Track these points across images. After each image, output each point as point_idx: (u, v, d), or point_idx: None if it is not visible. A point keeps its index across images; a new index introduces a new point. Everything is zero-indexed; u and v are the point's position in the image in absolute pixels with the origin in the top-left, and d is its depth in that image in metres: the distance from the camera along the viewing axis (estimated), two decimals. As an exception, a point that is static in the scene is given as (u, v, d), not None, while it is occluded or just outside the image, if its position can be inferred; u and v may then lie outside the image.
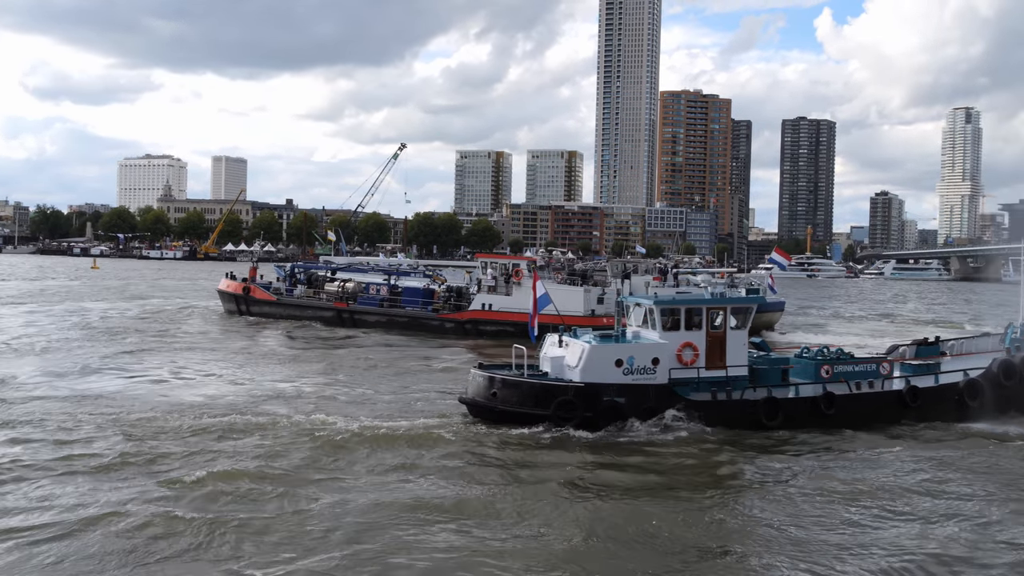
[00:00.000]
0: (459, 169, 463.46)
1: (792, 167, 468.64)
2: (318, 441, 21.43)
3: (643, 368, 23.46)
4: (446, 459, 20.53)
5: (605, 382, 23.18)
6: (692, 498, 18.45)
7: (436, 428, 23.10)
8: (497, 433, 22.65)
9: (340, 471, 19.30)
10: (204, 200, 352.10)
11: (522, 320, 44.19)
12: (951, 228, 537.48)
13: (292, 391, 29.14)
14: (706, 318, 24.34)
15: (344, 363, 36.76)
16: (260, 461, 19.67)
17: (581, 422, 22.62)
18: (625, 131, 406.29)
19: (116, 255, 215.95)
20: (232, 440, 21.52)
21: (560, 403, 22.84)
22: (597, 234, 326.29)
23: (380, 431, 22.52)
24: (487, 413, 23.62)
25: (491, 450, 21.42)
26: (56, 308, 58.97)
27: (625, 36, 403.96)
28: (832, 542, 15.99)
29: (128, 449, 20.49)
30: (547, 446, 21.87)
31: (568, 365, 23.67)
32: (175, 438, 21.70)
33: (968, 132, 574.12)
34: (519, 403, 23.34)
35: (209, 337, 44.96)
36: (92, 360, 34.80)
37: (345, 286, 53.96)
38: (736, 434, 23.11)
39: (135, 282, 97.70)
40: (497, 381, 23.65)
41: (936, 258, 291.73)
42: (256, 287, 57.12)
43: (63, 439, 21.35)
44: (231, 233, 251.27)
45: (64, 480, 18.20)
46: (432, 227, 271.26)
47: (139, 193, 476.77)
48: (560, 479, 19.11)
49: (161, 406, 25.55)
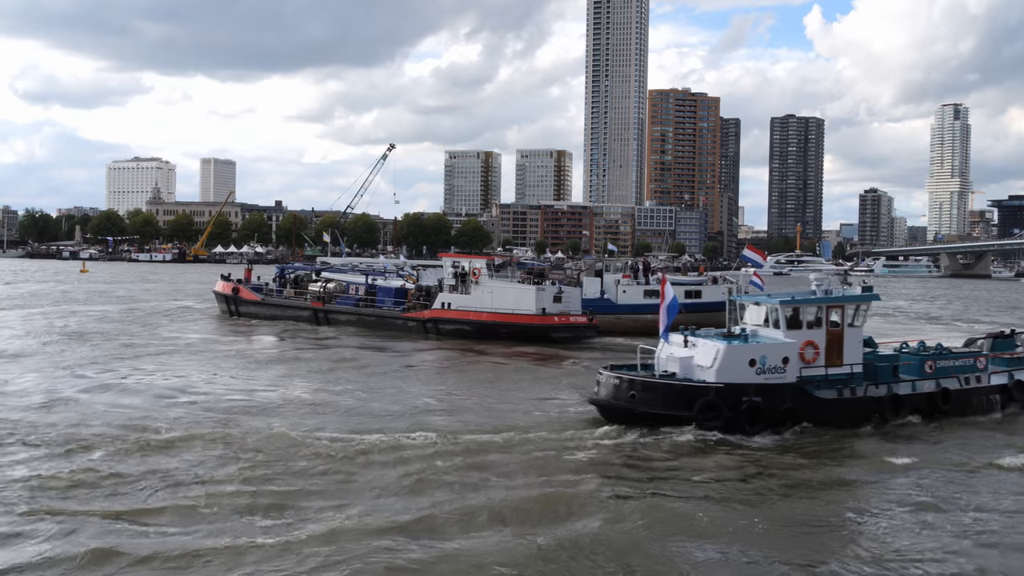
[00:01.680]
0: (448, 169, 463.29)
1: (781, 165, 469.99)
2: (464, 450, 20.68)
3: (774, 367, 23.39)
4: (621, 464, 20.13)
5: (742, 382, 22.98)
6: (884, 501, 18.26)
7: (577, 433, 22.75)
8: (646, 436, 22.31)
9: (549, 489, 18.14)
10: (193, 202, 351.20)
11: (478, 319, 45.17)
12: (940, 225, 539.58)
13: (436, 404, 27.56)
14: (825, 316, 24.45)
15: (398, 370, 35.04)
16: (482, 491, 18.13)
17: (725, 423, 22.45)
18: (614, 130, 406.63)
19: (105, 258, 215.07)
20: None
21: (704, 404, 22.56)
22: (587, 233, 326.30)
23: (516, 439, 21.95)
24: (624, 415, 23.23)
25: (654, 453, 21.12)
26: (46, 311, 58.54)
27: (613, 35, 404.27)
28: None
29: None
30: (707, 449, 21.54)
31: (699, 365, 23.38)
32: (369, 467, 19.72)
33: (956, 128, 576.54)
34: (660, 405, 23.04)
35: (207, 341, 44.56)
36: (102, 363, 34.40)
37: (326, 287, 54.80)
38: (869, 431, 23.56)
39: (126, 285, 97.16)
40: (637, 383, 23.38)
41: (926, 255, 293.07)
42: (244, 288, 57.82)
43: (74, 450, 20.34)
44: (220, 235, 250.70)
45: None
46: (422, 228, 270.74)
47: (128, 196, 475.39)
48: (747, 485, 18.90)
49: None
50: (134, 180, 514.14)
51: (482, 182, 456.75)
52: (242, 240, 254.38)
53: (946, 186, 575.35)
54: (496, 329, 44.20)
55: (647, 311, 47.80)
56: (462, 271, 47.01)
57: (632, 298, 48.92)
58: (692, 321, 47.66)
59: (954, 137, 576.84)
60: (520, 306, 44.11)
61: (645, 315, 47.77)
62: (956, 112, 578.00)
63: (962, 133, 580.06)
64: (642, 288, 49.24)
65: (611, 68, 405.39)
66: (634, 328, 47.00)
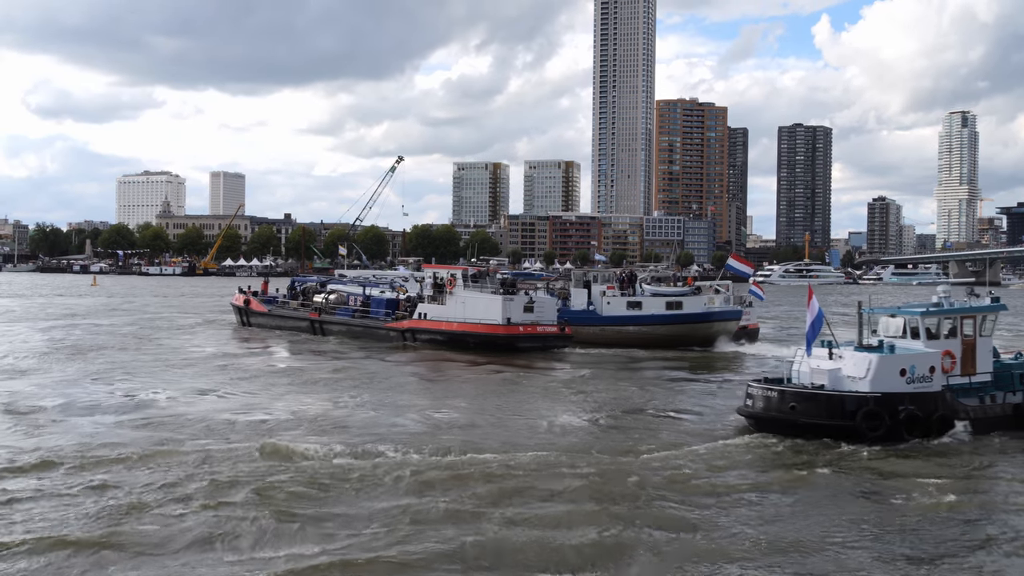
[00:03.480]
0: (457, 181, 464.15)
1: (789, 174, 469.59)
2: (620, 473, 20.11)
3: (923, 377, 23.96)
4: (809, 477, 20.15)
5: (896, 391, 23.54)
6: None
7: (740, 444, 23.00)
8: (813, 445, 22.52)
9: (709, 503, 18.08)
10: (203, 216, 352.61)
11: (449, 329, 45.20)
12: (949, 232, 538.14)
13: (583, 425, 26.74)
14: (960, 326, 25.18)
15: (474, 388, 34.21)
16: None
17: (886, 432, 22.88)
18: (622, 140, 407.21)
19: (115, 272, 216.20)
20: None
21: (866, 414, 22.92)
22: (595, 244, 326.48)
23: (675, 453, 21.80)
24: (784, 426, 23.56)
25: (854, 463, 21.32)
26: (54, 324, 58.98)
27: (620, 46, 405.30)
28: None
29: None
30: (887, 457, 21.83)
31: (849, 376, 23.78)
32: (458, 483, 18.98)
33: (965, 136, 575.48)
34: (822, 415, 23.39)
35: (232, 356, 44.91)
36: (92, 375, 34.74)
37: (328, 298, 55.74)
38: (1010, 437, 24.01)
39: (142, 298, 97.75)
40: (798, 395, 23.79)
41: (935, 262, 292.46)
42: (254, 300, 59.63)
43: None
44: (230, 248, 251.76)
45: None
46: (430, 239, 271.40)
47: (138, 210, 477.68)
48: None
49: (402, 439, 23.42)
50: (144, 194, 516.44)
51: (490, 193, 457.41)
52: (251, 253, 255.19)
53: (954, 194, 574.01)
54: (465, 339, 44.30)
55: (630, 323, 47.77)
56: (439, 281, 47.24)
57: (615, 309, 48.23)
58: (672, 333, 47.87)
59: (962, 144, 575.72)
60: (488, 316, 44.07)
61: (627, 327, 47.71)
62: (964, 119, 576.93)
63: (970, 140, 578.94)
64: (625, 299, 48.64)
65: (619, 79, 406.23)
66: (617, 340, 46.90)
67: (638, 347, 45.63)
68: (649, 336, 46.78)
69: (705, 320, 47.47)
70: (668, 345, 45.72)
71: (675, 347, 45.60)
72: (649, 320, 47.52)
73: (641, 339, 46.64)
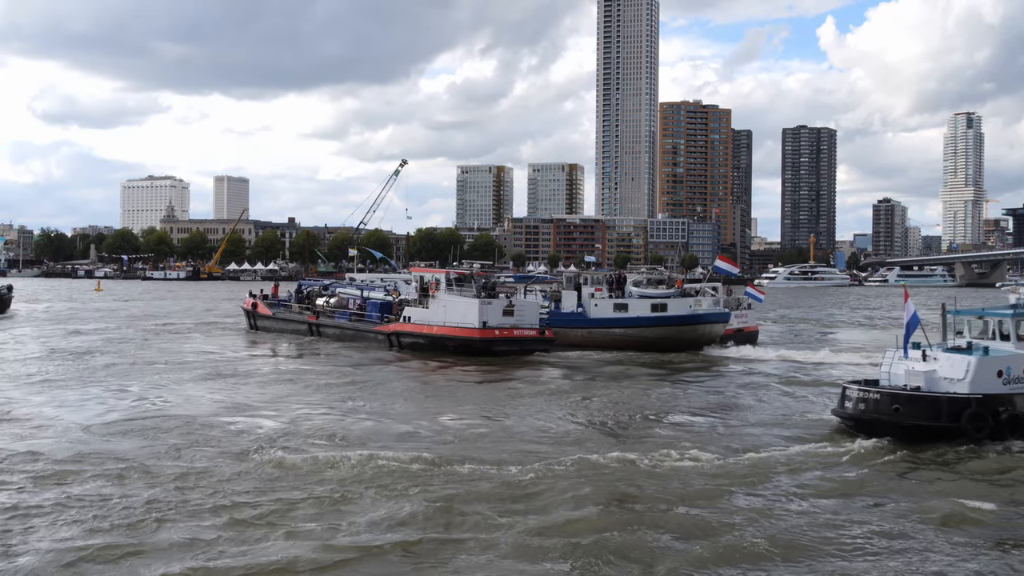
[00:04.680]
0: (460, 184, 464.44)
1: (793, 176, 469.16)
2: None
3: (1018, 378, 24.07)
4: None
5: (995, 393, 23.67)
6: None
7: (850, 447, 22.76)
8: (914, 447, 22.59)
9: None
10: (207, 220, 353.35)
11: (430, 332, 44.85)
12: (955, 234, 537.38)
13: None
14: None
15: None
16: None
17: (989, 434, 23.02)
18: (625, 143, 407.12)
19: (120, 277, 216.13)
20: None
21: (971, 415, 23.06)
22: (599, 246, 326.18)
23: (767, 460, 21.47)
24: (886, 428, 23.59)
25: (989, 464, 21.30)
26: (57, 329, 58.83)
27: (623, 49, 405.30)
28: None
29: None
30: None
31: (946, 378, 23.89)
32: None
33: (970, 137, 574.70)
34: (927, 417, 23.49)
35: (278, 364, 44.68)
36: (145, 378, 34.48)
37: (329, 301, 56.17)
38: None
39: (150, 302, 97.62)
40: (901, 397, 23.80)
41: (940, 264, 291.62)
42: (260, 304, 60.47)
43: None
44: (234, 252, 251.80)
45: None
46: (434, 243, 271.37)
47: (142, 214, 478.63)
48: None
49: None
50: (148, 199, 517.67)
51: (494, 196, 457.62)
52: (255, 257, 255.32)
53: (960, 195, 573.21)
54: (444, 342, 44.19)
55: (616, 325, 47.30)
56: (425, 284, 47.27)
57: (603, 312, 47.83)
58: (658, 336, 47.48)
59: (967, 146, 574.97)
60: (465, 320, 43.88)
61: (614, 329, 47.31)
62: (969, 121, 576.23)
63: (975, 142, 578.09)
64: (612, 302, 48.22)
65: (622, 81, 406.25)
66: (604, 342, 46.53)
67: (625, 349, 45.33)
68: (635, 338, 46.45)
69: (690, 322, 46.86)
70: (654, 348, 45.24)
71: (661, 350, 44.94)
72: (635, 322, 47.11)
73: (627, 341, 46.35)
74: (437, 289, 45.96)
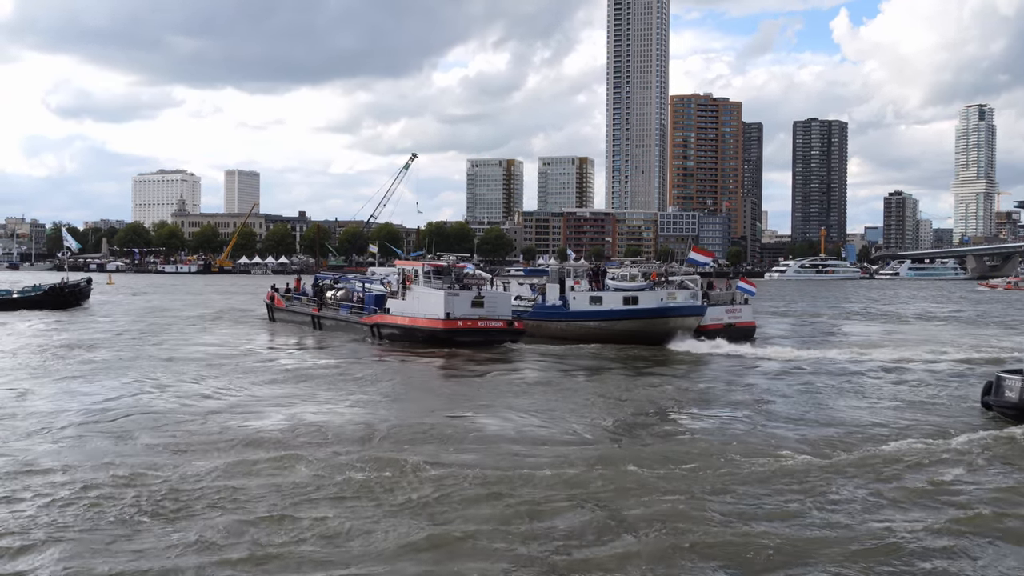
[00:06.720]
0: (471, 178, 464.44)
1: (804, 169, 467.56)
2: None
3: None
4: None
5: None
6: None
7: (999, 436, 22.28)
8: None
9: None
10: (218, 214, 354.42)
11: (403, 323, 45.45)
12: (966, 227, 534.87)
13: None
14: None
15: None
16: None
17: None
18: (636, 136, 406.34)
19: (132, 270, 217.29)
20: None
21: None
22: (609, 240, 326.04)
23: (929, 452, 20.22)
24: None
25: None
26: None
27: (634, 42, 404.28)
28: None
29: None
30: None
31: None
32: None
33: (982, 129, 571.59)
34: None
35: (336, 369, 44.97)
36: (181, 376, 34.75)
37: (336, 294, 57.23)
38: None
39: (163, 296, 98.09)
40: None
41: (952, 257, 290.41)
42: (278, 296, 62.11)
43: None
44: (244, 246, 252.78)
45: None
46: (444, 236, 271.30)
47: (154, 208, 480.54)
48: None
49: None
50: (160, 192, 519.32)
51: (504, 190, 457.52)
52: (266, 251, 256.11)
53: (972, 188, 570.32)
54: (415, 333, 44.91)
55: (591, 318, 47.51)
56: (404, 276, 48.01)
57: (580, 304, 48.08)
58: (629, 328, 47.60)
59: (979, 138, 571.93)
60: (432, 311, 44.40)
61: (589, 322, 47.56)
62: (981, 113, 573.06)
63: (987, 134, 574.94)
64: (588, 294, 48.33)
65: (633, 74, 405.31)
66: (580, 334, 46.68)
67: (600, 342, 45.46)
68: (609, 331, 46.61)
69: (660, 315, 46.48)
70: (627, 340, 45.03)
71: (633, 343, 44.61)
72: (607, 315, 47.24)
73: (602, 334, 46.57)
74: (414, 281, 46.75)
